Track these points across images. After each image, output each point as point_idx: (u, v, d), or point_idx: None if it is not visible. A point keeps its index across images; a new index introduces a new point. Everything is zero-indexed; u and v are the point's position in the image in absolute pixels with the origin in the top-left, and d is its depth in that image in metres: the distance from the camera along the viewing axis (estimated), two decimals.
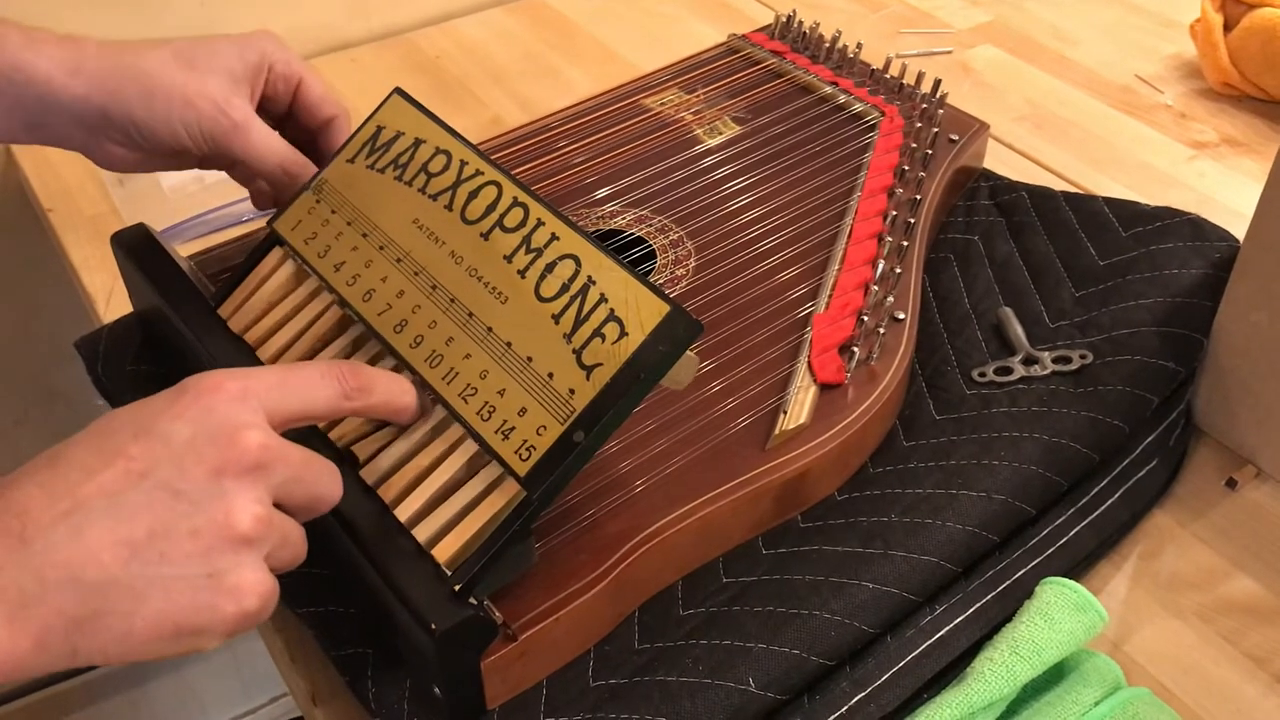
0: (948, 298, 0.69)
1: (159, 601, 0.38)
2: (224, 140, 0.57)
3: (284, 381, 0.44)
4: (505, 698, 0.50)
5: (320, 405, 0.45)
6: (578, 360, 0.48)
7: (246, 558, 0.40)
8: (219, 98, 0.57)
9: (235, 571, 0.39)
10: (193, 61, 0.57)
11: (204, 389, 0.41)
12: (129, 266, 0.62)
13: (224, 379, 0.42)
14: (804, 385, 0.59)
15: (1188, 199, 0.80)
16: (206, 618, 0.39)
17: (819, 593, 0.52)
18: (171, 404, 0.41)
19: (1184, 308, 0.65)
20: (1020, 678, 0.49)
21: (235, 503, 0.39)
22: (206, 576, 0.39)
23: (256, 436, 0.41)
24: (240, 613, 0.39)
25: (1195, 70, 0.94)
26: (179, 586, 0.38)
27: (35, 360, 1.01)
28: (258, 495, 0.40)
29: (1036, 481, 0.57)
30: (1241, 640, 0.55)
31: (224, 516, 0.39)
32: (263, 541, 0.40)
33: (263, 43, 0.60)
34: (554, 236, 0.51)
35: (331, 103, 0.62)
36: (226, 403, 0.41)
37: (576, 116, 0.80)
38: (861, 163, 0.74)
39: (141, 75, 0.56)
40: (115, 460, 0.39)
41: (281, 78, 0.60)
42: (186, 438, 0.40)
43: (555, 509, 0.53)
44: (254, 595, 0.40)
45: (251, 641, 1.29)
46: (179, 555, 0.38)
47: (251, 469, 0.40)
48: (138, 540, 0.38)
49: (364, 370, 0.47)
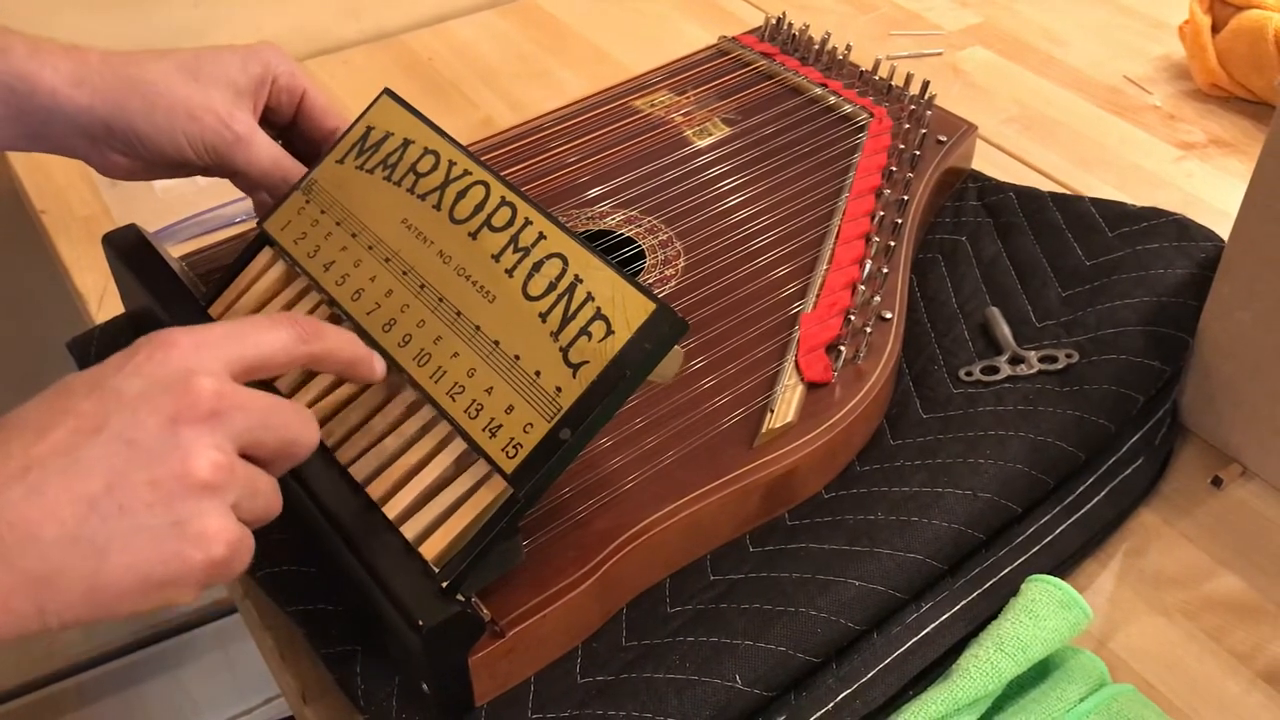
0: (935, 297, 0.69)
1: (121, 554, 0.38)
2: (226, 153, 0.58)
3: (236, 331, 0.43)
4: (493, 694, 0.50)
5: (275, 351, 0.44)
6: (564, 358, 0.48)
7: (209, 504, 0.39)
8: (222, 111, 0.57)
9: (199, 519, 0.39)
10: (197, 74, 0.57)
11: (157, 344, 0.41)
12: (120, 267, 0.62)
13: (177, 335, 0.42)
14: (791, 384, 0.59)
15: (1175, 199, 0.80)
16: (175, 567, 0.38)
17: (806, 590, 0.52)
18: (123, 361, 0.41)
19: (1169, 307, 0.65)
20: (1006, 674, 0.49)
21: (192, 449, 0.39)
22: (169, 525, 0.38)
23: (210, 383, 0.40)
24: (208, 560, 0.39)
25: (1184, 71, 0.95)
26: (141, 538, 0.38)
27: (27, 361, 1.01)
28: (215, 442, 0.40)
29: (1022, 480, 0.57)
30: (1225, 637, 0.55)
31: (181, 464, 0.39)
32: (225, 489, 0.40)
33: (266, 55, 0.60)
34: (541, 236, 0.51)
35: (334, 114, 0.62)
36: (180, 355, 0.41)
37: (568, 118, 0.80)
38: (850, 164, 0.74)
39: (145, 87, 0.56)
40: (66, 418, 0.38)
41: (285, 90, 0.61)
42: (139, 389, 0.39)
43: (543, 506, 0.53)
44: (220, 543, 0.39)
45: (244, 642, 1.30)
46: (138, 506, 0.38)
47: (207, 416, 0.40)
48: (95, 494, 0.37)
49: (314, 320, 0.46)
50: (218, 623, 1.27)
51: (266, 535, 0.54)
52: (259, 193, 0.62)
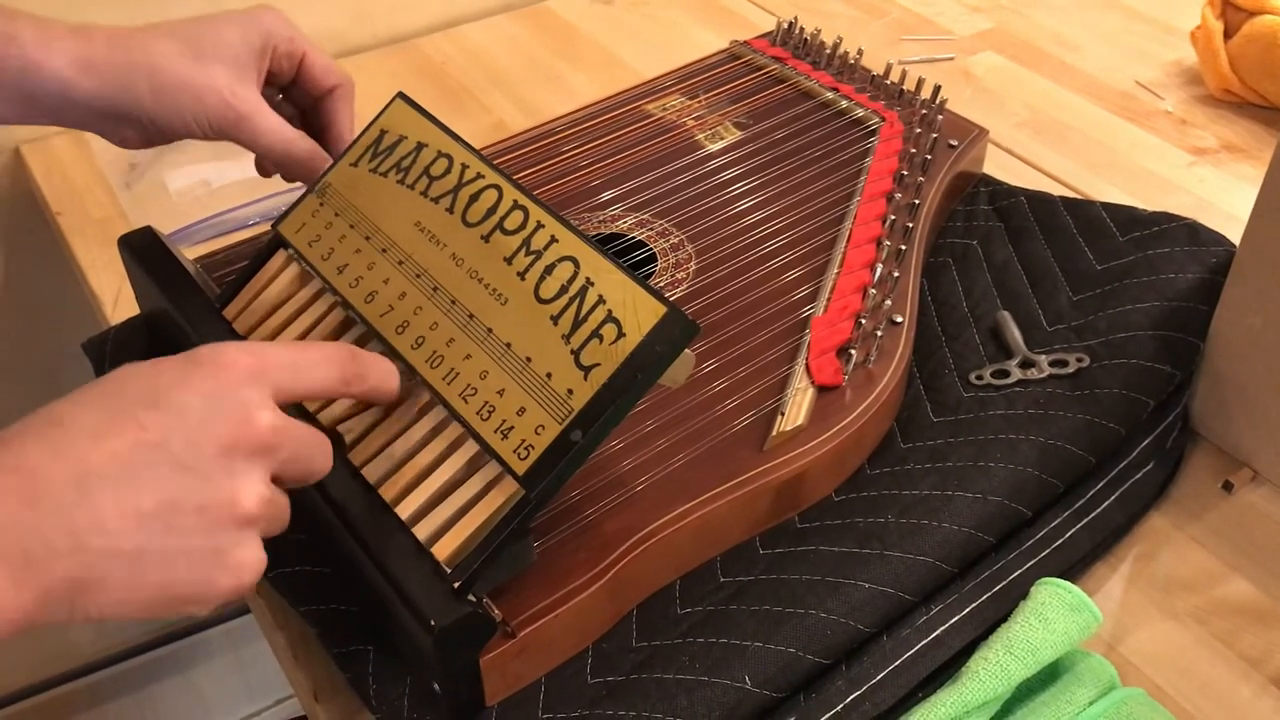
0: (946, 301, 0.69)
1: (159, 572, 0.39)
2: (231, 130, 0.59)
3: (294, 364, 0.44)
4: (504, 694, 0.50)
5: (320, 389, 0.46)
6: (576, 360, 0.48)
7: (247, 535, 0.41)
8: (225, 90, 0.59)
9: (236, 549, 0.40)
10: (200, 52, 0.59)
11: (220, 364, 0.42)
12: (136, 268, 0.63)
13: (238, 354, 0.42)
14: (802, 387, 0.59)
15: (1187, 204, 0.80)
16: (203, 589, 0.40)
17: (815, 592, 0.52)
18: (186, 375, 0.41)
19: (1180, 312, 0.65)
20: (1015, 677, 0.49)
21: (243, 483, 0.40)
22: (209, 551, 0.39)
23: (268, 419, 0.41)
24: (235, 586, 0.40)
25: (1195, 77, 0.95)
26: (181, 559, 0.39)
27: (43, 361, 1.02)
28: (262, 475, 0.41)
29: (1032, 483, 0.57)
30: (1236, 642, 0.55)
31: (231, 496, 0.40)
32: (263, 520, 0.41)
33: (266, 22, 0.61)
34: (553, 239, 0.52)
35: (334, 72, 0.64)
36: (240, 380, 0.41)
37: (580, 122, 0.81)
38: (861, 168, 0.74)
39: (150, 70, 0.58)
40: (127, 428, 0.39)
41: (285, 55, 0.62)
42: (200, 412, 0.40)
43: (554, 508, 0.53)
44: (250, 571, 0.41)
45: (256, 643, 1.30)
46: (184, 529, 0.39)
47: (260, 450, 0.41)
48: (145, 511, 0.38)
49: (361, 357, 0.48)
50: (229, 624, 1.28)
51: (280, 536, 0.55)
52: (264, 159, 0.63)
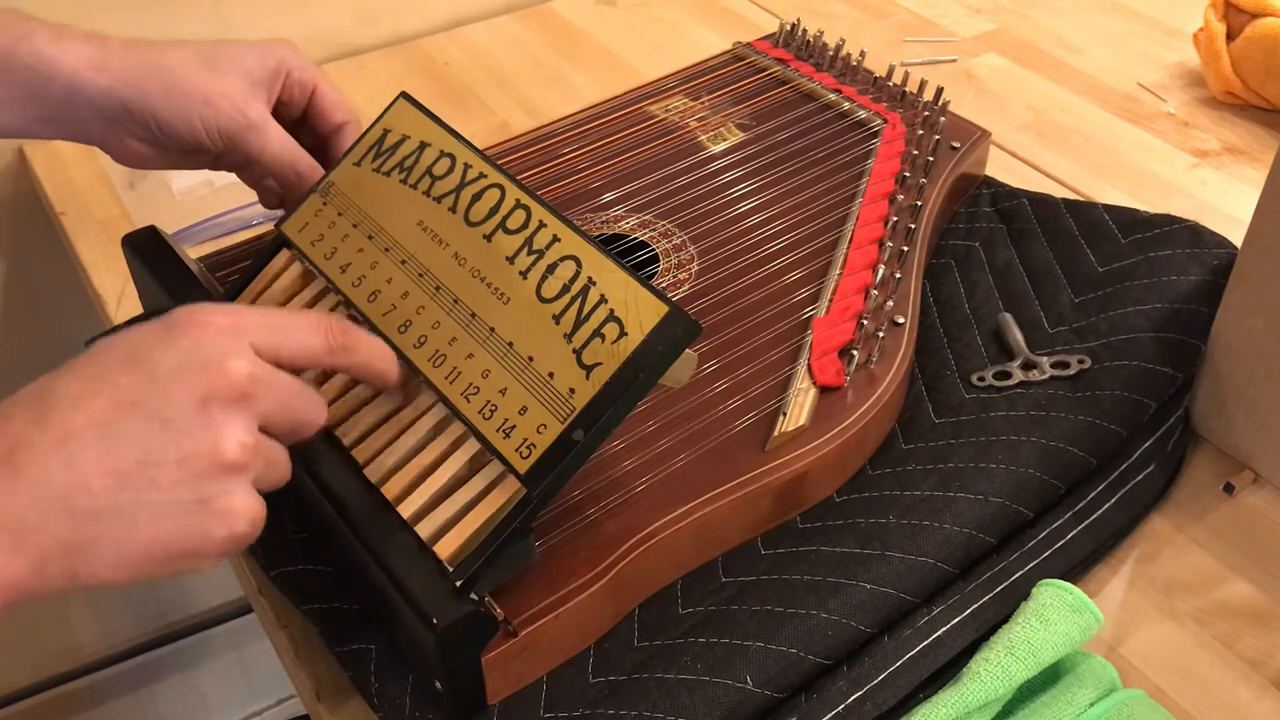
0: (948, 303, 0.69)
1: (150, 527, 0.39)
2: (240, 139, 0.59)
3: (272, 323, 0.45)
4: (506, 693, 0.50)
5: (304, 354, 0.46)
6: (578, 360, 0.49)
7: (234, 484, 0.41)
8: (238, 98, 0.59)
9: (224, 497, 0.41)
10: (214, 63, 0.59)
11: (194, 321, 0.42)
12: (140, 267, 0.63)
13: (212, 313, 0.43)
14: (804, 388, 0.59)
15: (1189, 207, 0.80)
16: (197, 541, 0.40)
17: (817, 593, 0.52)
18: (163, 335, 0.42)
19: (1182, 314, 0.65)
20: (1016, 678, 0.49)
21: (223, 431, 0.41)
22: (196, 502, 0.40)
23: (243, 366, 0.42)
24: (230, 535, 0.41)
25: (1198, 79, 0.95)
26: (169, 512, 0.40)
27: (47, 360, 1.02)
28: (244, 423, 0.42)
29: (1034, 485, 0.57)
30: (1237, 643, 0.55)
31: (211, 445, 0.40)
32: (250, 467, 0.42)
33: (281, 50, 0.62)
34: (555, 238, 0.52)
35: (343, 109, 0.64)
36: (215, 335, 0.42)
37: (583, 122, 0.81)
38: (864, 169, 0.75)
39: (164, 72, 0.58)
40: (104, 390, 0.40)
41: (297, 84, 0.62)
42: (174, 367, 0.41)
43: (556, 507, 0.54)
44: (242, 519, 0.41)
45: (258, 643, 1.31)
46: (168, 482, 0.40)
47: (238, 398, 0.41)
48: (128, 469, 0.39)
49: (351, 329, 0.48)
50: (231, 623, 1.28)
51: (282, 535, 0.55)
52: (266, 181, 0.63)
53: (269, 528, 0.43)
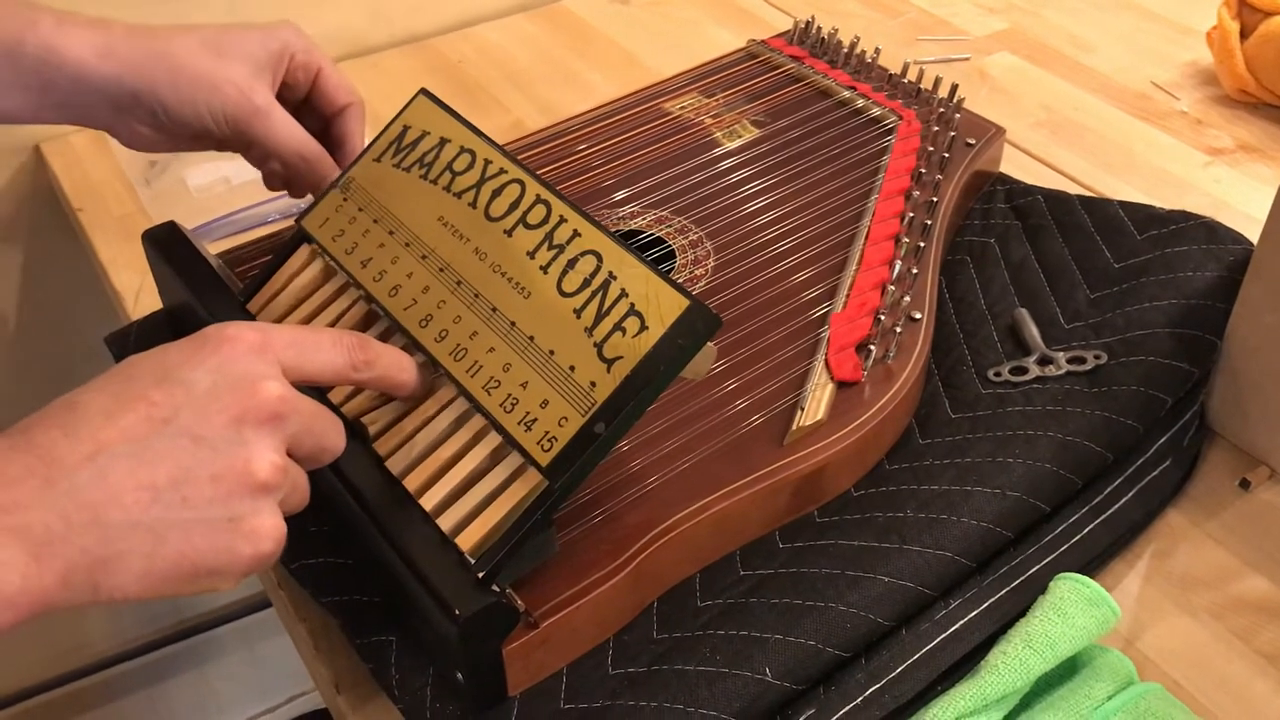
0: (964, 299, 0.69)
1: (178, 543, 0.39)
2: (245, 124, 0.60)
3: (299, 341, 0.45)
4: (526, 684, 0.50)
5: (328, 371, 0.47)
6: (599, 353, 0.49)
7: (264, 503, 0.41)
8: (243, 83, 0.59)
9: (253, 517, 0.41)
10: (219, 48, 0.59)
11: (225, 338, 0.43)
12: (159, 262, 0.63)
13: (243, 330, 0.43)
14: (821, 382, 0.59)
15: (1203, 204, 0.80)
16: (225, 559, 0.40)
17: (835, 586, 0.53)
18: (193, 352, 0.42)
19: (1198, 310, 0.65)
20: (1033, 671, 0.50)
21: (254, 451, 0.41)
22: (226, 520, 0.40)
23: (275, 388, 0.42)
24: (256, 554, 0.41)
25: (1211, 77, 0.95)
26: (198, 530, 0.40)
27: (65, 356, 1.03)
28: (274, 444, 0.42)
29: (1051, 479, 0.58)
30: (1253, 638, 0.55)
31: (244, 464, 0.41)
32: (279, 488, 0.42)
33: (285, 33, 0.62)
34: (576, 233, 0.52)
35: (347, 91, 0.65)
36: (246, 353, 0.42)
37: (597, 120, 0.81)
38: (879, 165, 0.75)
39: (170, 59, 0.58)
40: (137, 405, 0.40)
41: (301, 66, 0.63)
42: (208, 385, 0.41)
43: (576, 500, 0.54)
44: (269, 539, 0.41)
45: (270, 640, 1.31)
46: (199, 500, 0.40)
47: (270, 419, 0.42)
48: (159, 484, 0.39)
49: (371, 345, 0.49)
50: (243, 620, 1.28)
51: (302, 528, 0.56)
52: (270, 164, 0.63)
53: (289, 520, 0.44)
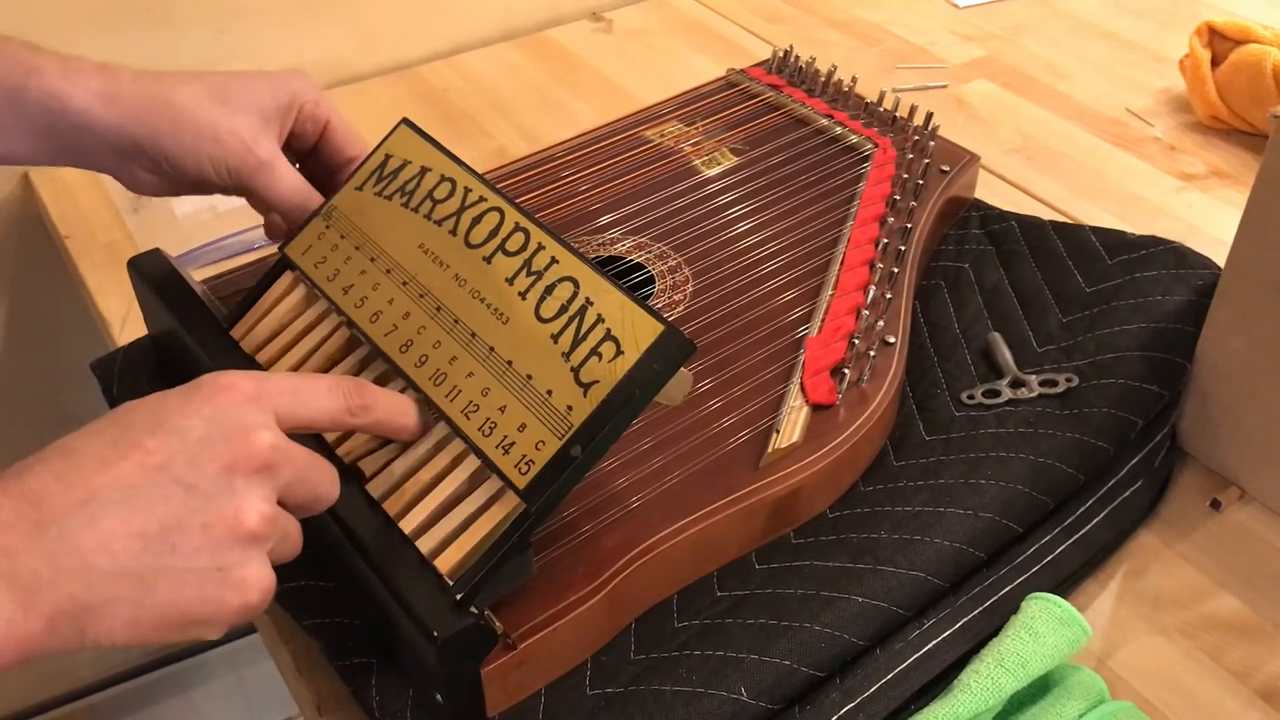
0: (938, 323, 0.70)
1: (167, 592, 0.39)
2: (248, 176, 0.59)
3: (294, 389, 0.45)
4: (505, 705, 0.51)
5: (324, 418, 0.47)
6: (575, 378, 0.50)
7: (253, 553, 0.41)
8: (247, 136, 0.58)
9: (242, 567, 0.41)
10: (225, 98, 0.59)
11: (219, 387, 0.43)
12: (145, 289, 0.64)
13: (238, 379, 0.44)
14: (796, 405, 0.60)
15: (1176, 229, 0.82)
16: (212, 609, 0.40)
17: (810, 606, 0.53)
18: (187, 400, 0.42)
19: (1167, 333, 0.66)
20: (1006, 690, 0.50)
21: (245, 500, 0.41)
22: (215, 570, 0.40)
23: (268, 438, 0.42)
24: (243, 605, 0.41)
25: (1184, 104, 0.96)
26: (187, 579, 0.40)
27: (51, 382, 1.03)
28: (265, 494, 0.42)
29: (1023, 500, 0.59)
30: (1224, 656, 0.56)
31: (234, 513, 0.41)
32: (268, 538, 0.42)
33: (295, 83, 0.62)
34: (554, 260, 0.53)
35: (355, 143, 0.64)
36: (240, 403, 0.43)
37: (580, 147, 0.82)
38: (855, 192, 0.76)
39: (174, 108, 0.58)
40: (130, 452, 0.40)
41: (310, 118, 0.62)
42: (201, 434, 0.41)
43: (554, 523, 0.55)
44: (256, 590, 0.41)
45: (257, 665, 1.31)
46: (188, 548, 0.40)
47: (261, 469, 0.42)
48: (150, 532, 0.39)
49: (368, 389, 0.49)
50: (230, 645, 1.28)
51: None
52: (272, 215, 0.63)
53: None
